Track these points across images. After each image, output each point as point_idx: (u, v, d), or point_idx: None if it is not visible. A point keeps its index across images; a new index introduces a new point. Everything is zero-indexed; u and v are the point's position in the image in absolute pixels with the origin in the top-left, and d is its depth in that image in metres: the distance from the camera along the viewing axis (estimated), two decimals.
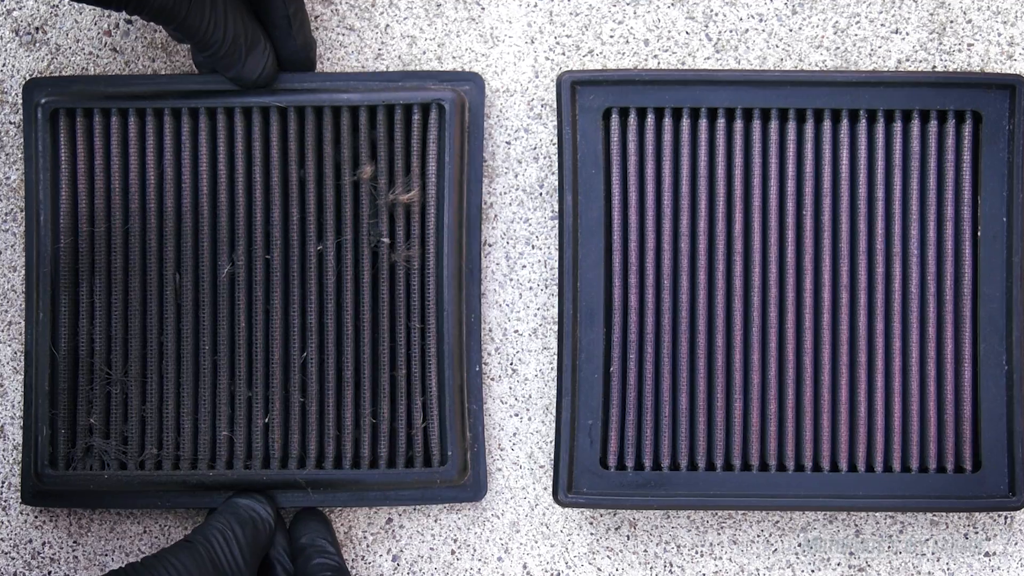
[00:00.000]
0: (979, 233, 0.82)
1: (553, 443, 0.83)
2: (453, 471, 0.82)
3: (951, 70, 0.85)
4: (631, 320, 0.82)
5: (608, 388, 0.82)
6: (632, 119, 0.82)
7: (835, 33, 0.85)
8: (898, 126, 0.82)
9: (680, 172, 0.82)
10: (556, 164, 0.85)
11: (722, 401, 0.82)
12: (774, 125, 0.82)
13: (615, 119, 0.82)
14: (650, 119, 0.82)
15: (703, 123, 0.82)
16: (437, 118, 0.81)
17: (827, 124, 0.82)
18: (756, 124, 0.82)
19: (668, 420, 0.82)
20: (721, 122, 0.82)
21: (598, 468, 0.81)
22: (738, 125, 0.82)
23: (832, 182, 0.82)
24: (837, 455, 0.82)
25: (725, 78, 0.81)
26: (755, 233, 0.82)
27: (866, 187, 0.82)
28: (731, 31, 0.86)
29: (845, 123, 0.82)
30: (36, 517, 0.85)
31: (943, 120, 0.82)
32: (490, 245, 0.85)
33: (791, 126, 0.82)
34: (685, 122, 0.82)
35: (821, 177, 0.82)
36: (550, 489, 0.85)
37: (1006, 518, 0.85)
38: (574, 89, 0.82)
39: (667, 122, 0.82)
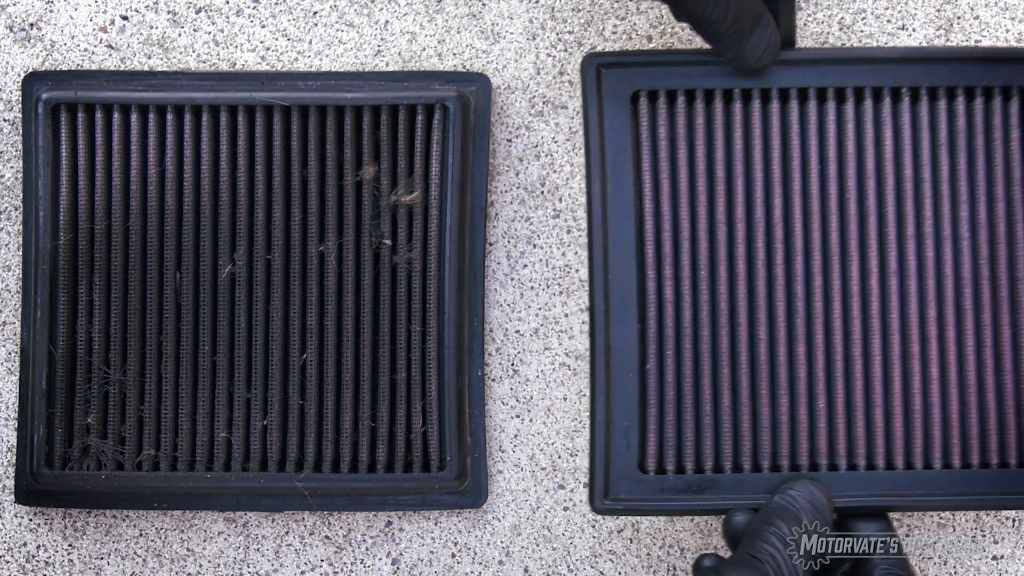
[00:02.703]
0: None
1: (588, 445, 0.82)
2: (452, 477, 0.84)
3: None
4: (667, 314, 0.79)
5: (645, 387, 0.80)
6: (662, 102, 0.80)
7: (840, 29, 0.88)
8: (942, 104, 0.80)
9: (714, 156, 0.80)
10: (558, 162, 0.88)
11: (767, 398, 0.80)
12: (812, 105, 0.81)
13: (644, 102, 0.81)
14: (681, 101, 0.80)
15: (737, 105, 0.80)
16: (441, 119, 0.84)
17: (868, 103, 0.81)
18: (793, 104, 0.81)
19: (710, 419, 0.80)
20: (756, 104, 0.81)
21: (636, 472, 0.80)
22: (774, 106, 0.81)
23: (875, 163, 0.81)
24: (892, 452, 0.80)
25: None
26: (796, 219, 0.80)
27: (911, 168, 0.80)
28: None
29: (887, 102, 0.81)
30: (31, 520, 0.87)
31: (989, 97, 0.81)
32: (491, 244, 0.88)
33: (831, 106, 0.80)
34: (718, 104, 0.80)
35: (864, 158, 0.80)
36: (551, 491, 0.87)
37: (1014, 521, 0.87)
38: (599, 72, 0.80)
39: (699, 105, 0.80)
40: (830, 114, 0.80)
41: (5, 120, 0.88)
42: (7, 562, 0.87)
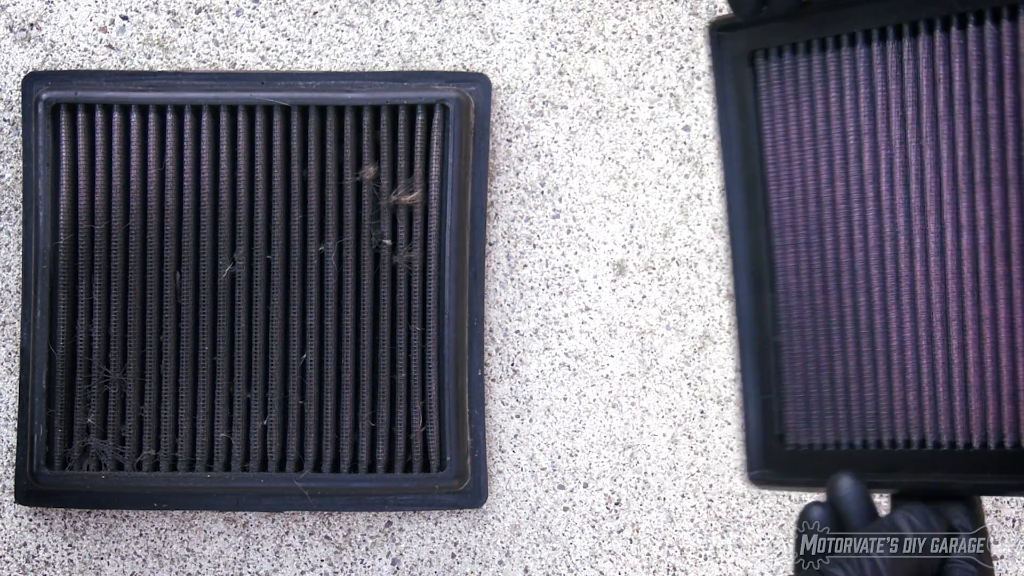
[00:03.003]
0: None
1: (742, 419, 0.75)
2: (452, 477, 0.85)
3: None
4: (789, 282, 0.74)
5: (780, 359, 0.75)
6: (774, 61, 0.74)
7: None
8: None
9: (833, 119, 0.73)
10: (558, 162, 0.88)
11: (903, 367, 0.72)
12: (909, 43, 0.71)
13: (761, 63, 0.75)
14: (792, 59, 0.73)
15: (849, 52, 0.72)
16: (441, 119, 0.84)
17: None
18: (894, 45, 0.71)
19: (852, 392, 0.73)
20: (861, 50, 0.72)
21: (779, 446, 0.74)
22: (891, 50, 0.71)
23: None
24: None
25: None
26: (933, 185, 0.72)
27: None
28: None
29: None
30: (31, 520, 0.87)
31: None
32: (491, 244, 0.88)
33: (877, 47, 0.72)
34: (834, 53, 0.72)
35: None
36: (551, 492, 0.88)
37: (1015, 521, 0.87)
38: (720, 38, 0.74)
39: (816, 57, 0.73)
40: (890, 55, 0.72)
41: (5, 120, 0.88)
42: (7, 562, 0.87)
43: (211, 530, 0.87)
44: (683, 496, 0.88)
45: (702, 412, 0.88)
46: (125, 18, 0.88)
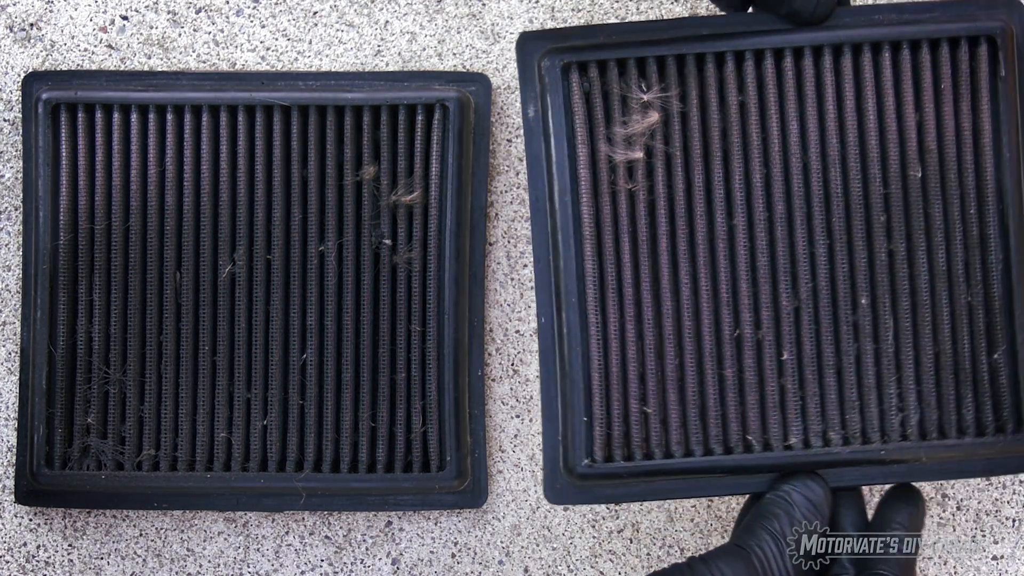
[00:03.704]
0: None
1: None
2: (452, 477, 0.85)
3: None
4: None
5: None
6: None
7: None
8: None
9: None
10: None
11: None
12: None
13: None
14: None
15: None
16: (441, 119, 0.84)
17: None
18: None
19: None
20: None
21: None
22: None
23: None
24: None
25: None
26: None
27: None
28: None
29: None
30: (31, 520, 0.88)
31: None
32: (491, 244, 0.89)
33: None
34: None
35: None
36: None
37: (1014, 521, 0.88)
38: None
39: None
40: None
41: (5, 120, 0.88)
42: (7, 562, 0.87)
43: (211, 530, 0.88)
44: None
45: None
46: (125, 18, 0.89)
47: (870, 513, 0.76)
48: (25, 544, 0.88)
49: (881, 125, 0.79)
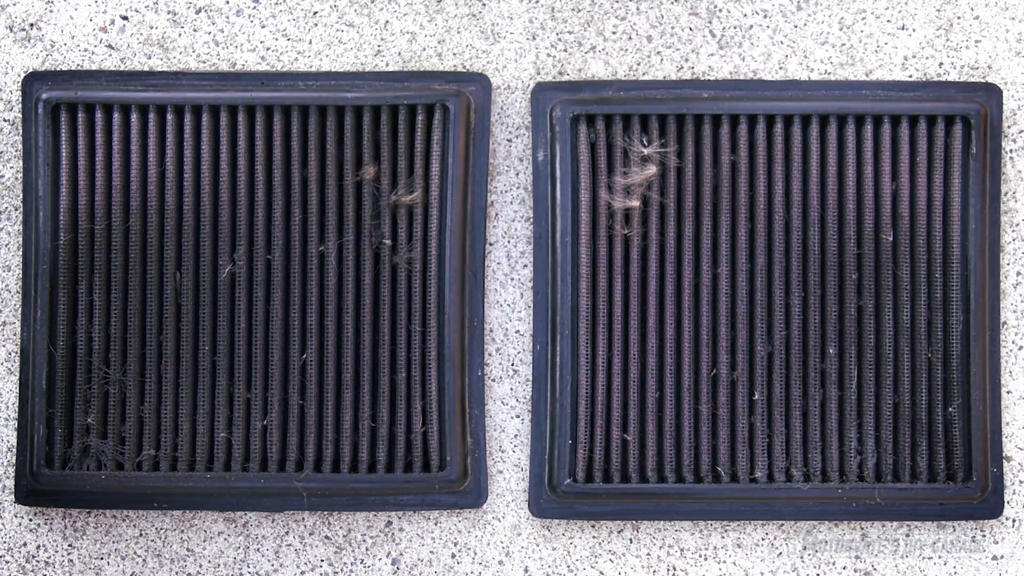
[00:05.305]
0: None
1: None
2: (452, 476, 0.85)
3: (960, 66, 0.88)
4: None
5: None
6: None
7: (840, 29, 0.89)
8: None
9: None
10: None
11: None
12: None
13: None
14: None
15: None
16: (441, 119, 0.85)
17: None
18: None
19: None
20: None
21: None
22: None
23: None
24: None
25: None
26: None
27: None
28: (735, 27, 0.88)
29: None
30: (31, 520, 0.88)
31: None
32: (491, 244, 0.88)
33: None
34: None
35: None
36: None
37: (1014, 521, 0.88)
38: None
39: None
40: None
41: (5, 120, 0.88)
42: (7, 562, 0.87)
43: (211, 530, 0.88)
44: None
45: None
46: (125, 18, 0.89)
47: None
48: (25, 544, 0.88)
49: (859, 191, 0.86)
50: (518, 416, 0.88)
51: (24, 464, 0.85)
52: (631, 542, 0.88)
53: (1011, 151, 0.87)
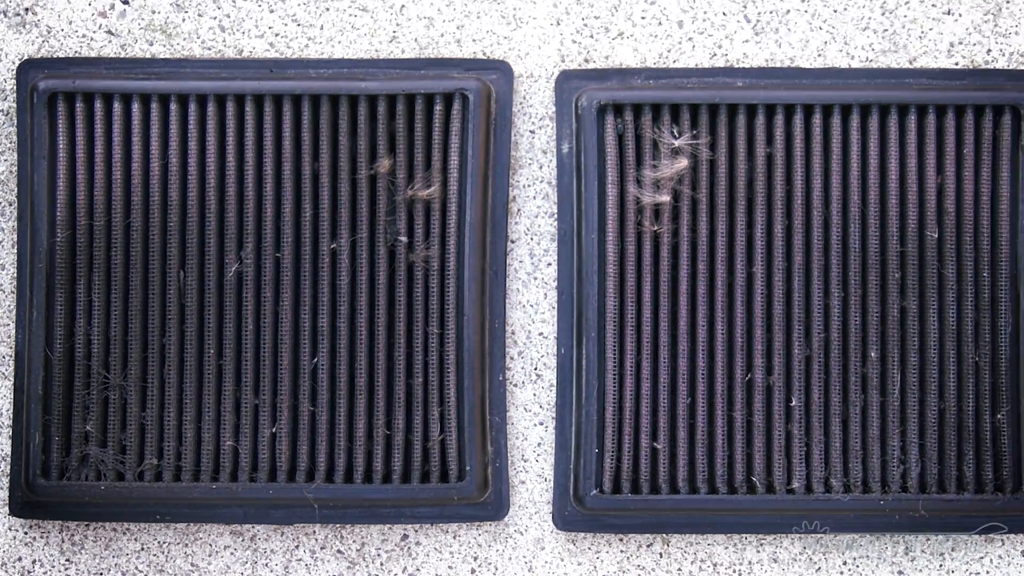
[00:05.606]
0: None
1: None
2: (472, 487, 0.84)
3: (1009, 54, 0.88)
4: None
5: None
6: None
7: (883, 14, 0.88)
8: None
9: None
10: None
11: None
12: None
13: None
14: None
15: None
16: (460, 109, 0.84)
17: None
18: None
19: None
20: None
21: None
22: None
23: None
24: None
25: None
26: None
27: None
28: (771, 12, 0.88)
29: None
30: (26, 533, 0.87)
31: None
32: (513, 241, 0.88)
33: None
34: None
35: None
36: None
37: None
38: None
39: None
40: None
41: None
42: None
43: (217, 544, 0.87)
44: None
45: None
46: (126, 2, 0.88)
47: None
48: (20, 559, 0.87)
49: (902, 185, 0.86)
50: (541, 423, 0.88)
51: (19, 474, 0.84)
52: (661, 556, 0.87)
53: None
